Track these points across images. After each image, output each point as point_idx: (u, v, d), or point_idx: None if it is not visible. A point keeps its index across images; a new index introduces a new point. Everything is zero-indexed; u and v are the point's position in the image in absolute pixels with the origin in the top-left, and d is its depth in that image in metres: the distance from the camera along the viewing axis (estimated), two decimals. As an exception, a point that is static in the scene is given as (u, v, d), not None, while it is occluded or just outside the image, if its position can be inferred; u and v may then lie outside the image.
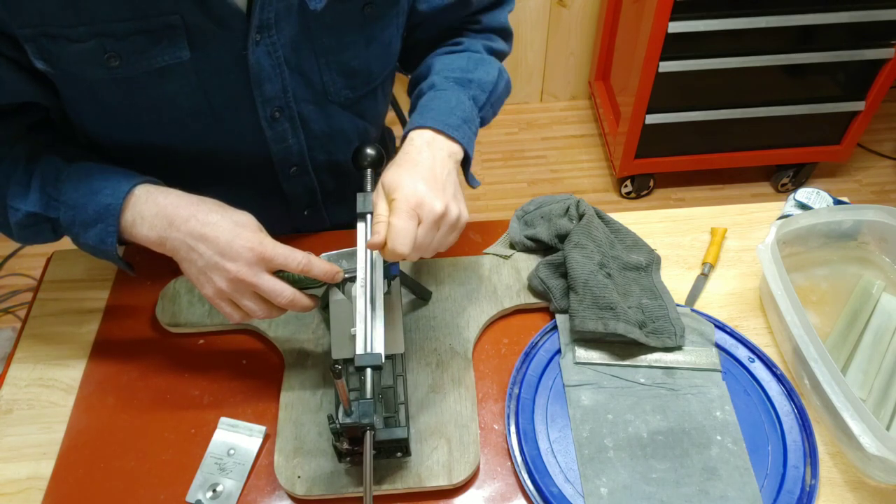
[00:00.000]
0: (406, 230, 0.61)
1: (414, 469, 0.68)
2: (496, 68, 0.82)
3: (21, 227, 0.69)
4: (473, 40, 0.85)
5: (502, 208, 2.17)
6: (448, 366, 0.76)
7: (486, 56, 0.83)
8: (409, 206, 0.62)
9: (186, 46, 0.65)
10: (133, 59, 0.65)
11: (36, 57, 0.62)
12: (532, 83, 2.44)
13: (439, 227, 0.64)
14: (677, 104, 1.92)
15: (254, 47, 0.68)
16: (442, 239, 0.66)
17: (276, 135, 0.78)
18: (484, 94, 0.79)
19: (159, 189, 0.67)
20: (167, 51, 0.65)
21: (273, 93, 0.73)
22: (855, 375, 0.75)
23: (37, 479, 0.70)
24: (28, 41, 0.61)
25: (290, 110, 0.76)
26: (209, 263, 0.63)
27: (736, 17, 1.69)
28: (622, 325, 0.74)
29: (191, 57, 0.66)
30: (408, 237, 0.61)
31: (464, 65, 0.79)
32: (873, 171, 2.24)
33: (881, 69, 1.84)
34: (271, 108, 0.75)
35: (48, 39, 0.61)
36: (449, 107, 0.73)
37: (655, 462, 0.68)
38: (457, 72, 0.78)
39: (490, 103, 0.80)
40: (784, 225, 0.78)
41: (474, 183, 0.80)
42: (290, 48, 0.71)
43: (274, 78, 0.72)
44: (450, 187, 0.67)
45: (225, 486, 0.69)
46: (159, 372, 0.78)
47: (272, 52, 0.70)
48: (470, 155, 0.73)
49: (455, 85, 0.77)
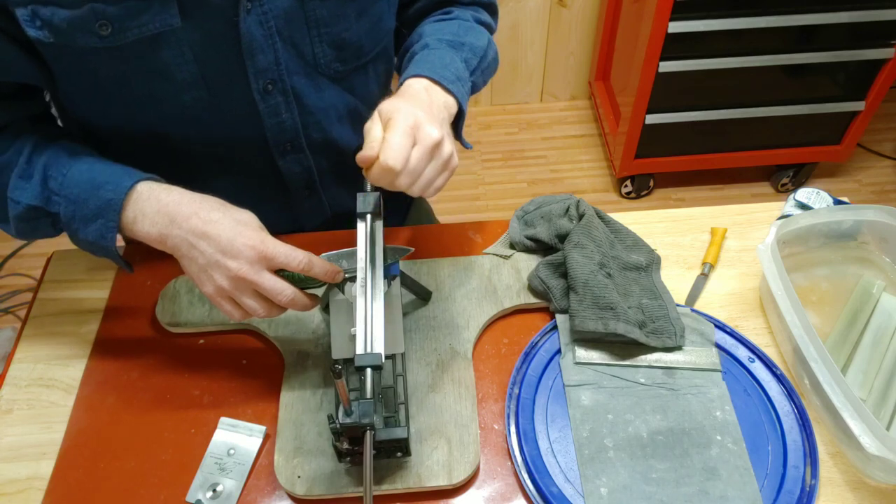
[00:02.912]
0: (401, 146, 0.60)
1: (414, 469, 0.68)
2: (486, 37, 0.84)
3: (20, 220, 0.69)
4: (463, 10, 0.86)
5: (502, 208, 2.17)
6: (448, 366, 0.76)
7: (475, 25, 0.85)
8: (406, 125, 0.62)
9: (178, 13, 0.66)
10: (124, 26, 0.64)
11: (28, 24, 0.62)
12: (532, 83, 2.44)
13: (433, 156, 0.64)
14: (677, 104, 1.92)
15: (245, 16, 0.68)
16: (433, 173, 0.65)
17: (270, 108, 0.78)
18: (475, 59, 0.80)
19: (161, 186, 0.67)
20: (158, 17, 0.65)
21: (265, 64, 0.73)
22: (855, 375, 0.75)
23: (37, 479, 0.70)
24: (20, 6, 0.61)
25: (282, 83, 0.76)
26: (210, 261, 0.63)
27: (736, 17, 1.69)
28: (622, 325, 0.74)
29: (182, 25, 0.66)
30: (402, 152, 0.60)
31: (455, 30, 0.81)
32: (873, 171, 2.24)
33: (881, 69, 1.84)
34: (264, 80, 0.75)
35: (40, 6, 0.61)
36: (443, 62, 0.74)
37: (655, 462, 0.68)
38: (448, 35, 0.80)
39: (481, 69, 0.81)
40: (784, 225, 0.78)
41: (466, 144, 0.80)
42: (283, 19, 0.72)
43: (266, 49, 0.72)
44: (445, 126, 0.67)
45: (225, 486, 0.69)
46: (159, 372, 0.78)
47: (264, 22, 0.70)
48: (464, 110, 0.74)
49: (447, 46, 0.78)
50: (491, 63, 0.85)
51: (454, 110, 0.72)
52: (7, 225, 0.71)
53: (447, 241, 0.90)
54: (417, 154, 0.62)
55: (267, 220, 0.67)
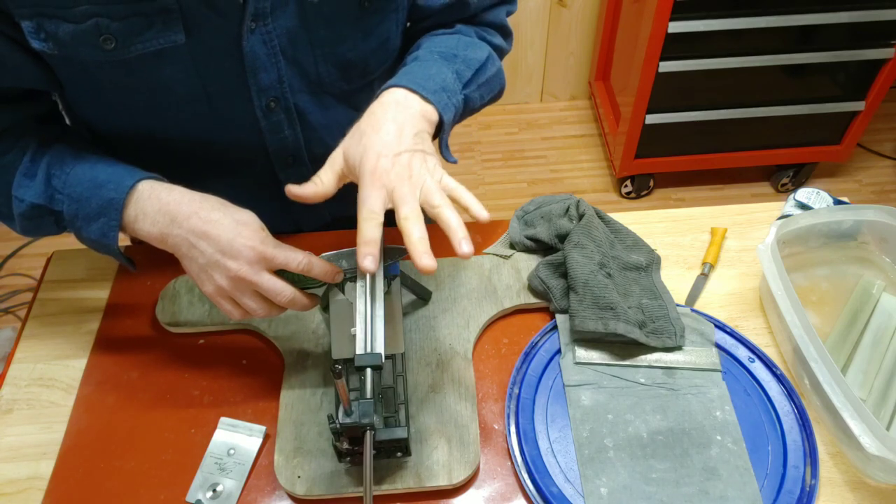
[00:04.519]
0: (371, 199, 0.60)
1: (414, 469, 0.68)
2: (486, 51, 0.81)
3: (25, 218, 0.70)
4: (468, 28, 0.84)
5: (502, 208, 2.17)
6: (448, 366, 0.76)
7: (476, 40, 0.82)
8: (371, 179, 0.60)
9: (182, 30, 0.66)
10: (128, 42, 0.65)
11: (33, 37, 0.62)
12: (532, 83, 2.44)
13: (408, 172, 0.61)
14: (677, 104, 1.92)
15: (248, 35, 0.69)
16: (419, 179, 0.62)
17: (272, 125, 0.78)
18: (469, 71, 0.76)
19: (163, 185, 0.67)
20: (162, 34, 0.65)
21: (268, 82, 0.73)
22: (855, 375, 0.75)
23: (37, 479, 0.70)
24: (25, 20, 0.61)
25: (285, 101, 0.76)
26: (210, 261, 0.63)
27: (736, 17, 1.70)
28: (622, 325, 0.74)
29: (186, 41, 0.67)
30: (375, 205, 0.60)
31: (452, 43, 0.78)
32: (873, 171, 2.25)
33: (881, 69, 1.84)
34: (266, 98, 0.75)
35: (45, 19, 0.62)
36: (428, 73, 0.71)
37: (655, 462, 0.68)
38: (442, 47, 0.77)
39: (477, 83, 0.78)
40: (784, 225, 0.78)
41: (450, 157, 0.76)
42: (287, 38, 0.71)
43: (269, 67, 0.72)
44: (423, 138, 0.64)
45: (225, 486, 0.69)
46: (159, 372, 0.78)
47: (267, 42, 0.70)
48: (444, 120, 0.70)
49: (439, 58, 0.75)
50: (492, 79, 0.81)
51: (434, 118, 0.69)
52: (12, 222, 0.72)
53: (447, 241, 0.90)
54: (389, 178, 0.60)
55: (267, 222, 0.67)
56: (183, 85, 0.70)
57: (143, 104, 0.72)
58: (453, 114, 0.72)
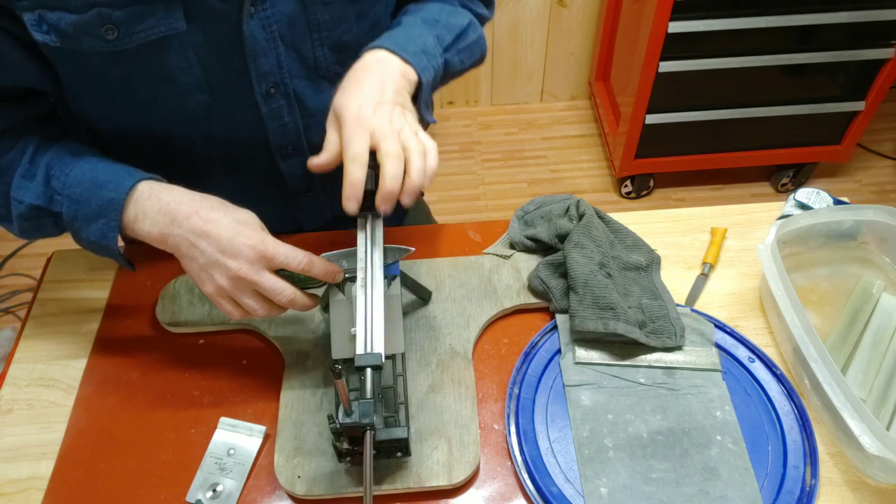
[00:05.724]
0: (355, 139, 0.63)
1: (414, 469, 0.68)
2: (467, 18, 0.84)
3: (24, 219, 0.70)
4: None
5: (502, 208, 2.17)
6: (448, 366, 0.76)
7: (458, 7, 0.85)
8: (352, 125, 0.64)
9: (182, 17, 0.66)
10: (130, 30, 0.65)
11: (35, 28, 0.62)
12: (532, 83, 2.44)
13: (390, 115, 0.65)
14: (677, 104, 1.92)
15: (248, 20, 0.69)
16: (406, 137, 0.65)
17: (272, 112, 0.78)
18: (450, 36, 0.80)
19: (162, 185, 0.67)
20: (163, 21, 0.65)
21: (268, 68, 0.74)
22: (855, 375, 0.75)
23: (37, 479, 0.70)
24: (27, 12, 0.61)
25: (284, 86, 0.77)
26: (210, 261, 0.63)
27: (736, 17, 1.70)
28: (622, 325, 0.74)
29: (187, 28, 0.67)
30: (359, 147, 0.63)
31: (435, 10, 0.81)
32: (873, 171, 2.25)
33: (881, 69, 1.84)
34: (266, 83, 0.75)
35: (47, 11, 0.62)
36: (409, 36, 0.74)
37: (655, 462, 0.68)
38: (425, 13, 0.80)
39: (457, 48, 0.81)
40: (784, 225, 0.78)
41: (429, 117, 0.79)
42: (286, 23, 0.72)
43: (269, 52, 0.73)
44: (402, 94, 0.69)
45: (225, 486, 0.69)
46: (159, 372, 0.78)
47: (267, 26, 0.71)
48: (423, 81, 0.73)
49: (421, 23, 0.78)
50: (473, 45, 0.84)
51: (413, 78, 0.72)
52: (11, 224, 0.72)
53: (447, 241, 0.90)
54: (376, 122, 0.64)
55: (268, 221, 0.67)
56: (184, 74, 0.70)
57: (144, 97, 0.72)
58: (433, 75, 0.75)
